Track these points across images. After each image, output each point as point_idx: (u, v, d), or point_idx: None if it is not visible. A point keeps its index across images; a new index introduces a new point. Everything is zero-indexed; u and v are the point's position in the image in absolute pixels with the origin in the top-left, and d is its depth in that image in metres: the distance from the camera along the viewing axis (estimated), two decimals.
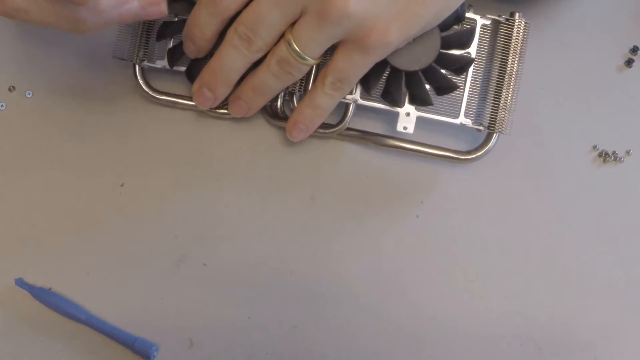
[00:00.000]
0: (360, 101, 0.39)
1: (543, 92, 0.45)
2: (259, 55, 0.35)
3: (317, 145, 0.42)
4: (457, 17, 0.37)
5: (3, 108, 0.42)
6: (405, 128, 0.38)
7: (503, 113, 0.39)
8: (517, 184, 0.41)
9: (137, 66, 0.40)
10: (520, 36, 0.40)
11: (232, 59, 0.35)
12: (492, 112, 0.39)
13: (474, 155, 0.39)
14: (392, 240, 0.38)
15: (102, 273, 0.36)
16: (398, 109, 0.39)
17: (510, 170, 0.42)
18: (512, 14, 0.40)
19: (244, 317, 0.35)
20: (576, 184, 0.41)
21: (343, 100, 0.38)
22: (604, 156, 0.43)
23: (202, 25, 0.36)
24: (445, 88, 0.38)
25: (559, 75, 0.46)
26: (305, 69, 0.35)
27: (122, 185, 0.40)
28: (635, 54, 0.48)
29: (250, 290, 0.36)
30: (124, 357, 0.34)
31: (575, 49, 0.47)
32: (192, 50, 0.38)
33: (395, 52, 0.35)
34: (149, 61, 0.40)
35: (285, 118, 0.39)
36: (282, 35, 0.34)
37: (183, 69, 0.40)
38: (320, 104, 0.37)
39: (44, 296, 0.35)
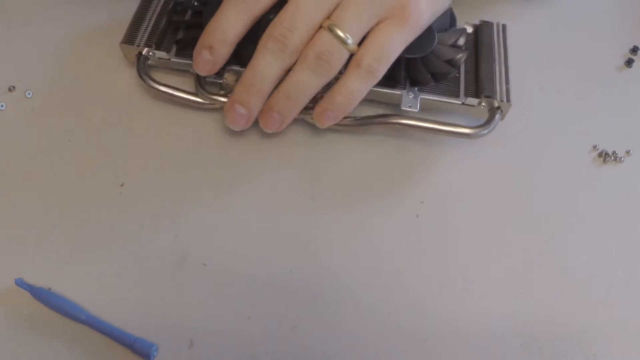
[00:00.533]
0: None
1: (543, 92, 0.45)
2: (293, 58, 0.36)
3: (317, 145, 0.42)
4: (451, 22, 0.43)
5: (3, 108, 0.42)
6: (410, 106, 0.40)
7: (500, 85, 0.42)
8: (517, 183, 0.41)
9: (140, 57, 0.42)
10: (501, 27, 0.45)
11: (266, 64, 0.36)
12: (488, 85, 0.41)
13: (485, 131, 0.40)
14: (392, 240, 0.38)
15: (102, 273, 0.36)
16: (401, 91, 0.41)
17: (510, 169, 0.42)
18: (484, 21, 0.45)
19: (244, 317, 0.35)
20: (576, 184, 0.41)
21: None
22: (604, 156, 0.43)
23: (227, 22, 0.36)
24: (441, 74, 0.41)
25: (559, 75, 0.47)
26: (345, 57, 0.36)
27: (122, 185, 0.40)
28: (635, 54, 0.48)
29: (250, 290, 0.36)
30: (124, 357, 0.34)
31: (575, 49, 0.47)
32: (206, 62, 0.37)
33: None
34: (156, 48, 0.42)
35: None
36: (317, 31, 0.35)
37: (187, 63, 0.42)
38: (353, 89, 0.37)
39: (44, 296, 0.35)
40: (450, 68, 0.41)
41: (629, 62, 0.48)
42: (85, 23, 0.47)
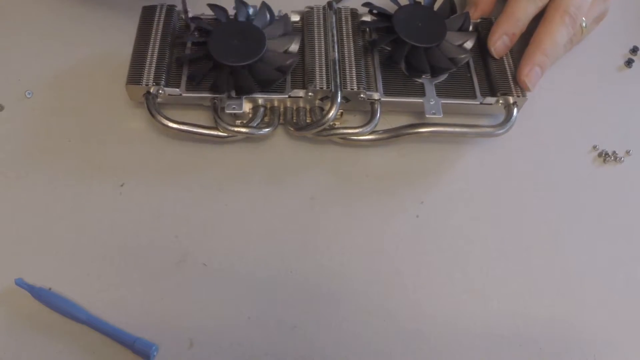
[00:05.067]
0: (384, 98, 0.41)
1: (543, 92, 0.45)
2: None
3: (317, 145, 0.42)
4: (463, 24, 0.44)
5: (3, 108, 0.42)
6: (434, 112, 0.41)
7: (513, 80, 0.42)
8: (517, 184, 0.41)
9: (149, 96, 0.40)
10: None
11: (562, 36, 0.42)
12: (502, 82, 0.42)
13: (507, 126, 0.41)
14: (392, 240, 0.38)
15: (102, 273, 0.36)
16: (423, 99, 0.41)
17: (510, 170, 0.42)
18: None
19: (244, 317, 0.35)
20: (576, 184, 0.41)
21: (368, 99, 0.41)
22: (604, 156, 0.43)
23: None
24: (442, 68, 0.42)
25: (559, 75, 0.46)
26: None
27: (122, 186, 0.40)
28: (635, 54, 0.48)
29: (250, 290, 0.36)
30: (124, 357, 0.34)
31: (576, 49, 0.47)
32: (505, 47, 0.43)
33: (413, 35, 0.42)
34: (165, 86, 0.40)
35: (304, 128, 0.40)
36: None
37: (199, 97, 0.41)
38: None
39: (44, 296, 0.35)
40: (450, 64, 0.41)
41: (629, 62, 0.48)
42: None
